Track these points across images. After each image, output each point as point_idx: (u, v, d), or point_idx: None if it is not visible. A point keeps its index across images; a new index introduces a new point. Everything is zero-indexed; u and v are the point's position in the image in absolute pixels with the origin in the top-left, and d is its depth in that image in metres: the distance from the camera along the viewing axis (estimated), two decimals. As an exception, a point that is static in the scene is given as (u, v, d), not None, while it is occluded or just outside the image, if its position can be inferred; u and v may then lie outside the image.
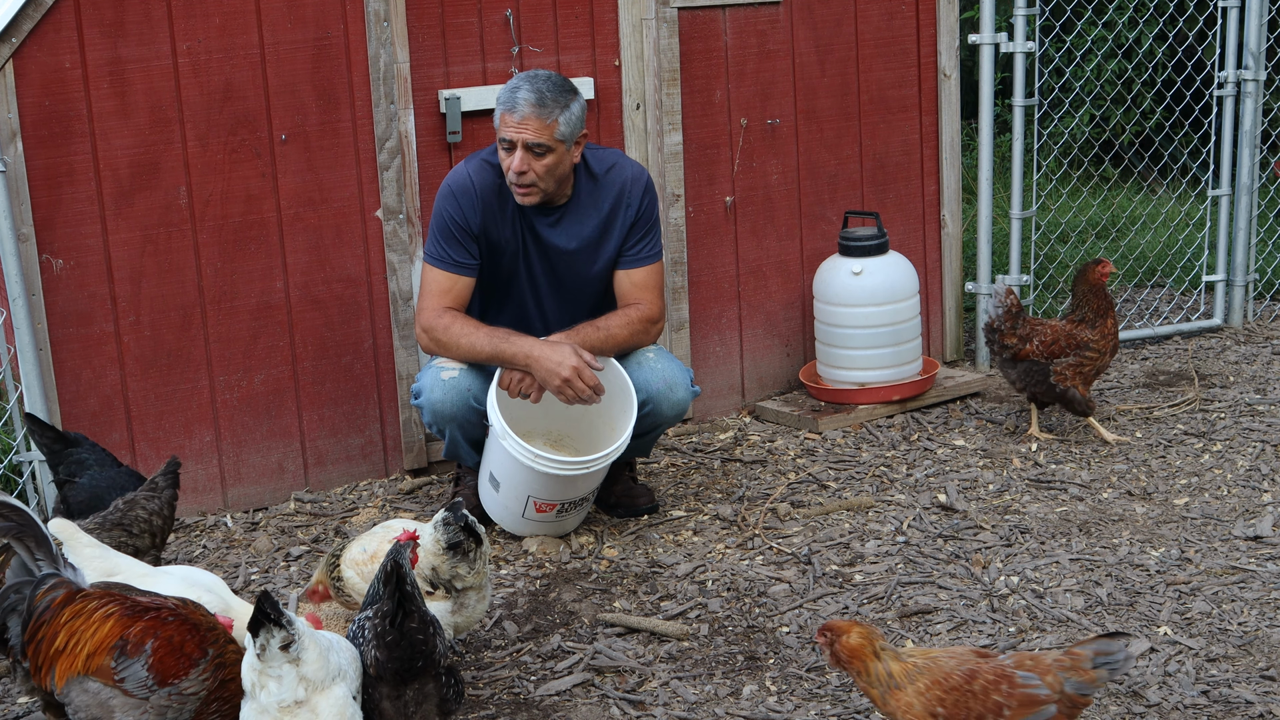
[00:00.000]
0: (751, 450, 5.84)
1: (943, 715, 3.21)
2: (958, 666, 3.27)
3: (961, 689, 3.22)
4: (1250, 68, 6.96)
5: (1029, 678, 3.22)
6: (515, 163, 4.76)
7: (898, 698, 3.27)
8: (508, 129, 4.76)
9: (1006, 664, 3.27)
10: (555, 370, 4.76)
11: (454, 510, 3.92)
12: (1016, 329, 5.63)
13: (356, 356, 5.48)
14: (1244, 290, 7.23)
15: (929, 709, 3.22)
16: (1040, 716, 3.20)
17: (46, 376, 4.95)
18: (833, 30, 6.21)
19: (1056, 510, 5.11)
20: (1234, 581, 4.52)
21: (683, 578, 4.73)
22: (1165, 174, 9.32)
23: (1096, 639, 3.32)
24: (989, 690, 3.21)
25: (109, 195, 5.01)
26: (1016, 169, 6.66)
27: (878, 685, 3.30)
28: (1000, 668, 3.25)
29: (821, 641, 3.38)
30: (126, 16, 4.94)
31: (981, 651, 3.35)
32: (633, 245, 5.02)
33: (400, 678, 3.42)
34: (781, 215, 6.24)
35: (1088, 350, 5.53)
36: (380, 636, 3.42)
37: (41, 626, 3.39)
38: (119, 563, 3.85)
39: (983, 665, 3.27)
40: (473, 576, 3.98)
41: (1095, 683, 3.24)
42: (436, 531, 3.92)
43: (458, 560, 3.92)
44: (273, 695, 3.20)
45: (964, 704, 3.20)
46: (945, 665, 3.27)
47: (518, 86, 4.80)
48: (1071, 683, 3.23)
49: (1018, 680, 3.22)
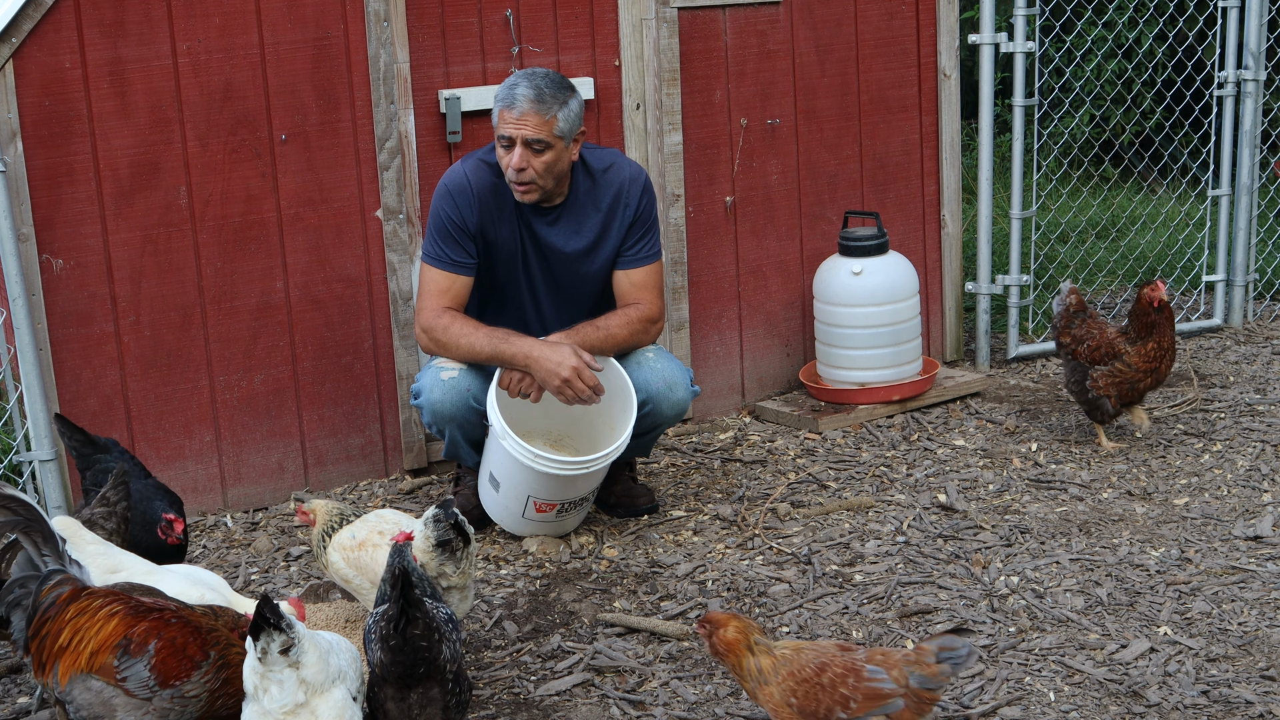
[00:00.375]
0: (751, 450, 5.84)
1: (795, 706, 3.32)
2: (813, 660, 3.38)
3: (812, 681, 3.34)
4: (1250, 68, 6.96)
5: (876, 672, 3.33)
6: (515, 159, 4.76)
7: (765, 691, 3.39)
8: (506, 125, 4.76)
9: (858, 659, 3.37)
10: (555, 370, 4.76)
11: (445, 508, 3.93)
12: (1071, 328, 5.61)
13: (356, 356, 5.48)
14: (1244, 290, 7.23)
15: (785, 699, 3.35)
16: (887, 709, 3.30)
17: (46, 376, 4.95)
18: (833, 30, 6.21)
19: (1056, 510, 5.12)
20: (1234, 581, 4.52)
21: (683, 578, 4.73)
22: (1165, 174, 9.32)
23: (942, 635, 3.40)
24: (837, 683, 3.33)
25: (109, 195, 5.02)
26: (1016, 169, 6.66)
27: (750, 679, 3.42)
28: (851, 662, 3.36)
29: (701, 633, 3.47)
30: (126, 16, 4.95)
31: (845, 645, 3.46)
32: (631, 245, 5.02)
33: (404, 682, 3.43)
34: (781, 215, 6.24)
35: (1119, 362, 5.47)
36: (384, 640, 3.43)
37: (46, 623, 3.39)
38: (122, 559, 3.85)
39: (836, 659, 3.37)
40: (458, 576, 3.99)
41: (939, 677, 3.32)
42: (426, 528, 3.93)
43: (445, 558, 3.93)
44: (275, 700, 3.21)
45: (814, 695, 3.32)
46: (803, 658, 3.39)
47: (516, 83, 4.80)
48: (916, 677, 3.32)
49: (865, 674, 3.33)
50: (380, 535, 4.07)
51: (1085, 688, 3.96)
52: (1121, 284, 7.76)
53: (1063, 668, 4.07)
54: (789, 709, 3.36)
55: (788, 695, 3.35)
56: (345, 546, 4.10)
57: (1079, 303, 5.63)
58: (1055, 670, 4.06)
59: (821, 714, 3.34)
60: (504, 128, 4.77)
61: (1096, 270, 7.70)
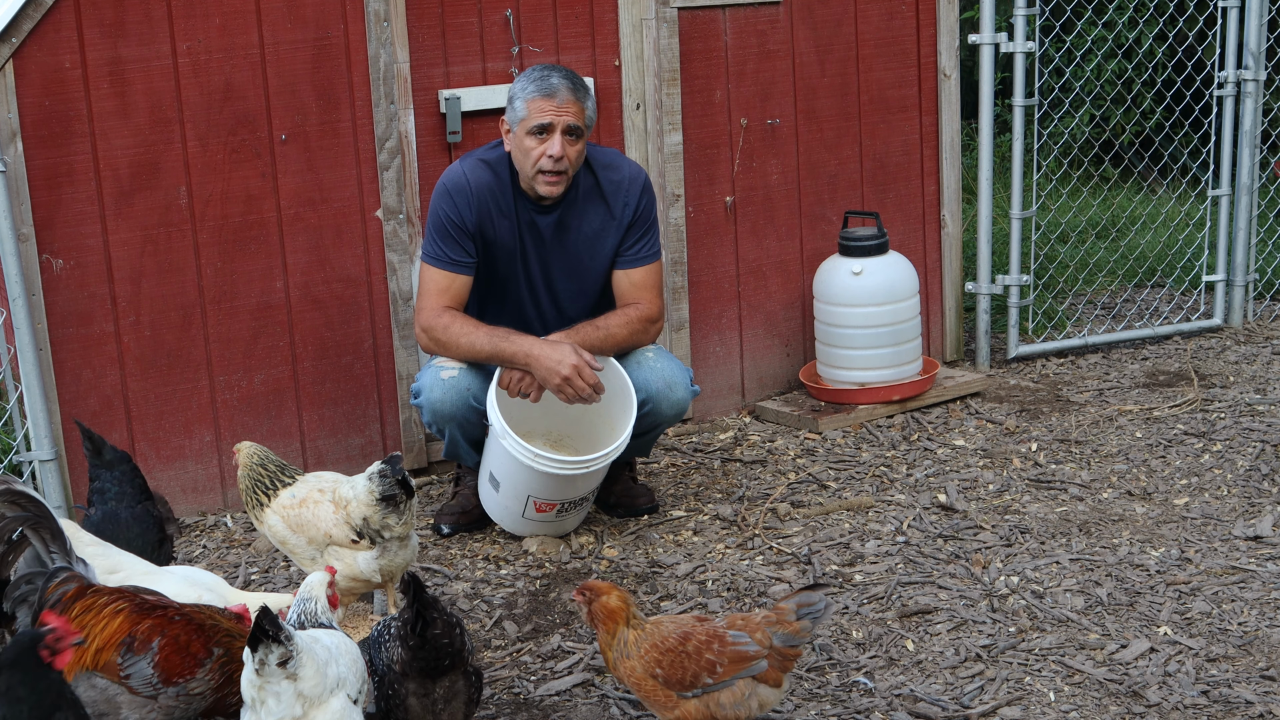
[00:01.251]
0: (751, 450, 5.84)
1: (661, 676, 3.41)
2: (674, 631, 3.48)
3: (677, 651, 3.43)
4: (1250, 68, 6.96)
5: (739, 636, 3.44)
6: (554, 147, 4.74)
7: (627, 665, 3.50)
8: (545, 113, 4.74)
9: (719, 625, 3.48)
10: (555, 369, 4.76)
11: (391, 464, 4.07)
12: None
13: (356, 356, 5.48)
14: (1244, 290, 7.23)
15: (649, 671, 3.44)
16: (752, 670, 3.41)
17: (46, 376, 4.95)
18: (833, 30, 6.21)
19: (1056, 510, 5.11)
20: (1234, 581, 4.52)
21: (683, 578, 4.73)
22: (1165, 174, 9.32)
23: (799, 592, 3.54)
24: (702, 650, 3.42)
25: (109, 195, 5.02)
26: (1016, 169, 6.66)
27: (617, 649, 3.53)
28: (713, 629, 3.46)
29: (580, 600, 3.57)
30: (126, 16, 4.94)
31: (702, 617, 3.56)
32: (631, 245, 5.02)
33: (428, 674, 3.48)
34: (781, 215, 6.24)
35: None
36: (403, 640, 3.49)
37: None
38: (120, 560, 3.85)
39: (697, 628, 3.47)
40: (401, 527, 4.13)
41: (800, 634, 3.46)
42: (371, 483, 4.08)
43: (389, 511, 4.09)
44: (271, 712, 3.21)
45: (679, 664, 3.41)
46: (664, 630, 3.49)
47: (547, 74, 4.78)
48: (779, 636, 3.45)
49: (728, 639, 3.44)
50: (320, 493, 4.17)
51: (1085, 688, 3.96)
52: (1121, 284, 7.76)
53: (1063, 668, 4.07)
54: (653, 680, 3.44)
55: (651, 667, 3.44)
56: (286, 506, 4.19)
57: None
58: (1055, 670, 4.06)
59: (688, 682, 3.42)
60: (542, 116, 4.74)
61: (1096, 270, 7.70)
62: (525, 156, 4.81)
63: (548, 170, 4.78)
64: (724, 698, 3.42)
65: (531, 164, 4.80)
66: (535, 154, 4.78)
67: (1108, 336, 6.94)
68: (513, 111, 4.83)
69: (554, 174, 4.79)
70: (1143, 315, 7.20)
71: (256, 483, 4.23)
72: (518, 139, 4.81)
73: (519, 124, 4.79)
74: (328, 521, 4.12)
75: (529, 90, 4.78)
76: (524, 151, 4.81)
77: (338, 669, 3.31)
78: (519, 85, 4.83)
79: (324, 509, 4.13)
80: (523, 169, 4.84)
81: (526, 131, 4.78)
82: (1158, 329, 7.03)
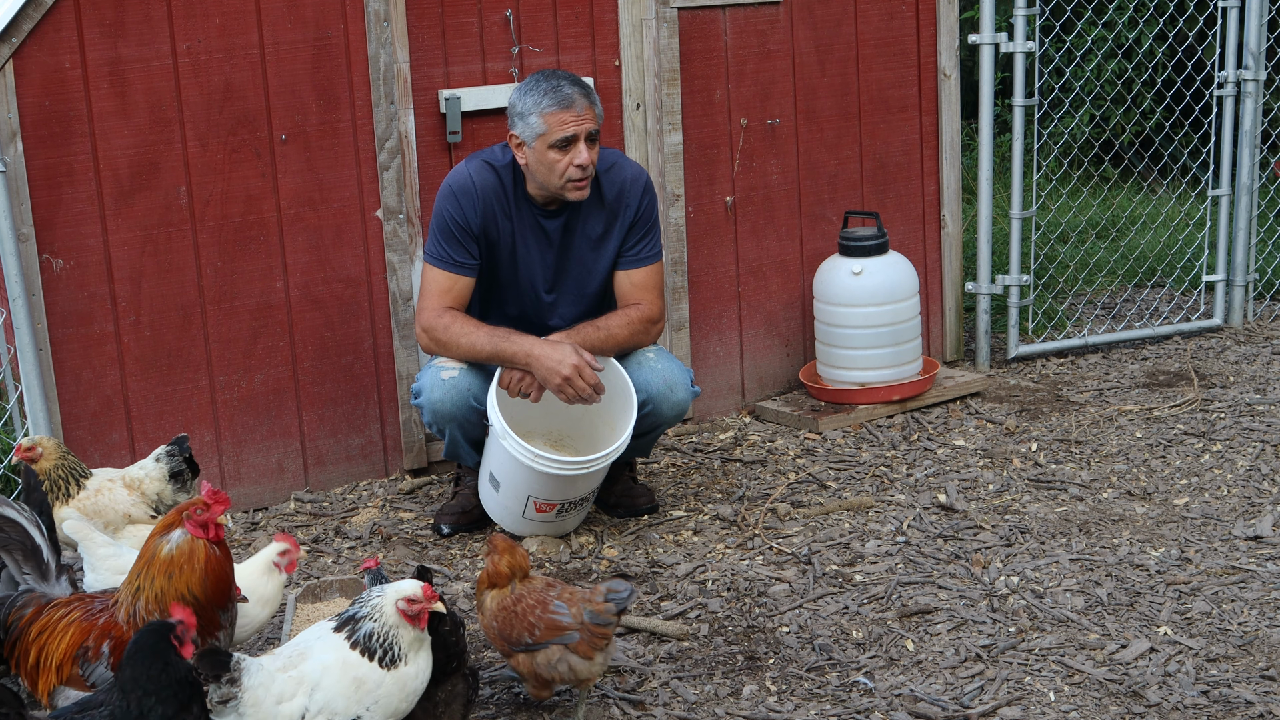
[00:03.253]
0: (751, 450, 5.84)
1: (497, 629, 3.84)
2: (518, 593, 3.85)
3: (510, 610, 3.83)
4: (1250, 68, 6.96)
5: (560, 607, 3.80)
6: (582, 156, 4.73)
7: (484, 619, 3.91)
8: (567, 126, 4.72)
9: (550, 595, 3.84)
10: (555, 369, 4.76)
11: (179, 444, 4.41)
12: None
13: (356, 356, 5.48)
14: (1244, 290, 7.23)
15: (490, 622, 3.87)
16: (565, 639, 3.77)
17: (46, 376, 4.95)
18: (833, 30, 6.21)
19: (1056, 510, 5.11)
20: (1234, 581, 4.52)
21: (683, 578, 4.74)
22: (1165, 174, 9.32)
23: (611, 579, 3.91)
24: (526, 613, 3.81)
25: (109, 195, 5.02)
26: (1016, 169, 6.66)
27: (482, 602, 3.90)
28: (544, 597, 3.83)
29: (486, 549, 3.95)
30: (126, 16, 4.94)
31: (552, 583, 3.90)
32: (632, 245, 5.02)
33: (434, 679, 3.48)
34: (781, 215, 6.24)
35: None
36: None
37: (15, 644, 3.48)
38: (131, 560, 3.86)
39: (533, 594, 3.84)
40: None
41: (605, 614, 3.77)
42: (159, 462, 4.40)
43: (178, 488, 4.38)
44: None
45: (510, 622, 3.82)
46: (516, 592, 3.86)
47: (557, 84, 4.75)
48: (589, 613, 3.78)
49: (550, 608, 3.80)
50: (111, 482, 4.40)
51: (1085, 688, 3.96)
52: (1121, 284, 7.76)
53: (1063, 668, 4.07)
54: (493, 631, 3.86)
55: (492, 619, 3.85)
56: (80, 498, 4.36)
57: None
58: (1055, 670, 4.06)
59: (514, 639, 3.81)
60: (565, 128, 4.71)
61: (1096, 270, 7.70)
62: (550, 170, 4.78)
63: (577, 179, 4.79)
64: (539, 658, 3.79)
65: (559, 176, 4.78)
66: (561, 166, 4.76)
67: (1108, 336, 6.94)
68: (526, 127, 4.77)
69: (581, 182, 4.80)
70: (1143, 315, 7.20)
71: (62, 477, 4.37)
72: (538, 153, 4.78)
73: (538, 139, 4.75)
74: (125, 503, 4.36)
75: (543, 104, 4.74)
76: (548, 165, 4.78)
77: (309, 699, 3.24)
78: (530, 99, 4.78)
79: (118, 493, 4.38)
80: (547, 181, 4.82)
81: (549, 146, 4.75)
82: (1158, 329, 7.03)
